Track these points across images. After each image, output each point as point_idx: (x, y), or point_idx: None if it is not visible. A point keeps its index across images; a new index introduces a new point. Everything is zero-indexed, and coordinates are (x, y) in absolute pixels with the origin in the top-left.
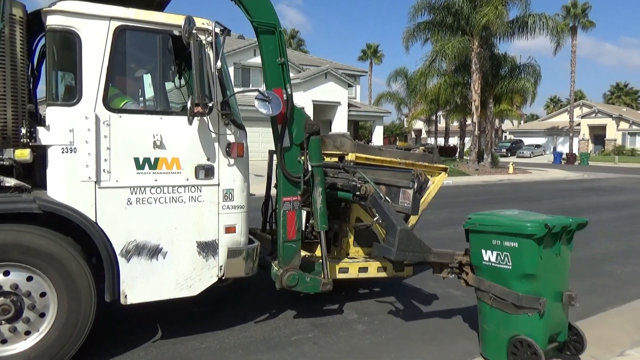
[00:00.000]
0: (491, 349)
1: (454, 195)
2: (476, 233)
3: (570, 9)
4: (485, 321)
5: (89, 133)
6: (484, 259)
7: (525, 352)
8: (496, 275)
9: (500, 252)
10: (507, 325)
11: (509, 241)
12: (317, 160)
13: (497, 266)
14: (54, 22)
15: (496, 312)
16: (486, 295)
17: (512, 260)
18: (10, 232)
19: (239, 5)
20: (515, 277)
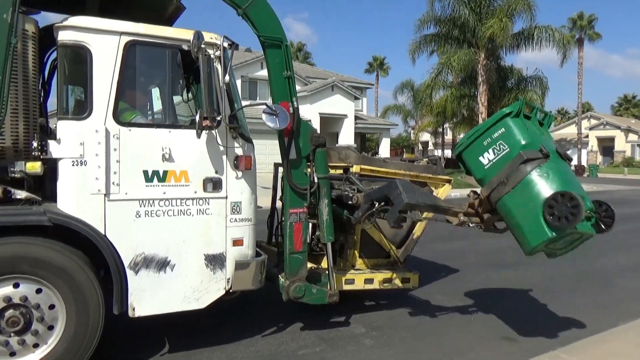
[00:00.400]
0: (531, 232)
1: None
2: (468, 149)
3: (576, 20)
4: (514, 217)
5: (99, 146)
6: (484, 165)
7: (565, 203)
8: (499, 165)
9: (494, 145)
10: (533, 194)
11: (496, 132)
12: (323, 172)
13: (498, 157)
14: (65, 37)
15: (518, 195)
16: (502, 189)
17: (507, 142)
18: (21, 244)
19: (247, 20)
20: (515, 152)
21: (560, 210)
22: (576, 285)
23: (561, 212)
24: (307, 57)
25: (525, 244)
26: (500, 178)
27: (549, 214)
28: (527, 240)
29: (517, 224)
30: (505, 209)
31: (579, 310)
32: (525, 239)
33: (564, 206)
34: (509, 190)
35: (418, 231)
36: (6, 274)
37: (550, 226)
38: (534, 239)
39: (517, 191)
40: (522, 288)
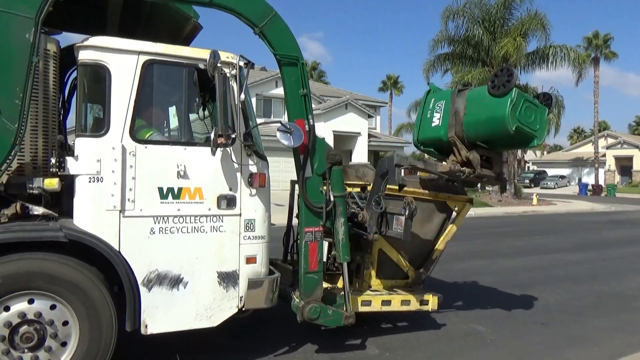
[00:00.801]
0: (497, 110)
1: (476, 226)
2: (421, 130)
3: (591, 40)
4: (482, 118)
5: (116, 163)
6: (439, 123)
7: (504, 75)
8: (446, 112)
9: (435, 108)
10: (479, 98)
11: (430, 103)
12: (339, 190)
13: (442, 112)
14: (85, 56)
15: (470, 107)
16: (459, 118)
17: (441, 99)
18: (36, 260)
19: (263, 39)
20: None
21: (500, 80)
22: (594, 307)
23: (500, 81)
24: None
25: (501, 119)
26: (452, 115)
27: (492, 87)
28: (500, 115)
29: (488, 117)
30: (473, 124)
31: (598, 333)
32: (498, 116)
33: (502, 77)
34: (464, 113)
35: (438, 251)
36: (22, 290)
37: (498, 95)
38: (502, 109)
39: (470, 108)
40: (539, 310)
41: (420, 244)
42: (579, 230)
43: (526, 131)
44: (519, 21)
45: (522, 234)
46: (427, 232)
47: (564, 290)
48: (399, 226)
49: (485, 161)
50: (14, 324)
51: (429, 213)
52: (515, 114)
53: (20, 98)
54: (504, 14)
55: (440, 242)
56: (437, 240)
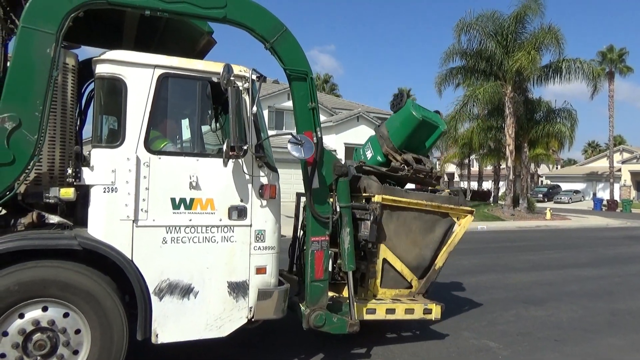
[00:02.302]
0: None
1: (488, 240)
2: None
3: (606, 54)
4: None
5: (130, 174)
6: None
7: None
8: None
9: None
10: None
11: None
12: (345, 201)
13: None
14: (102, 70)
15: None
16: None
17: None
18: (51, 268)
19: (274, 54)
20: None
21: (397, 103)
22: (609, 325)
23: (397, 103)
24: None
25: (408, 116)
26: (379, 138)
27: (395, 110)
28: (407, 115)
29: (400, 122)
30: (395, 133)
31: (613, 351)
32: (406, 117)
33: (397, 100)
34: (387, 132)
35: (440, 262)
36: (36, 297)
37: (400, 109)
38: (407, 111)
39: (388, 125)
40: (552, 326)
41: (423, 254)
42: (593, 245)
43: (430, 121)
44: (533, 35)
45: (535, 249)
46: (430, 242)
47: (578, 307)
48: (365, 229)
49: (417, 162)
50: (27, 331)
51: (431, 224)
52: (417, 109)
53: (40, 110)
54: (517, 28)
55: (442, 253)
56: (440, 251)
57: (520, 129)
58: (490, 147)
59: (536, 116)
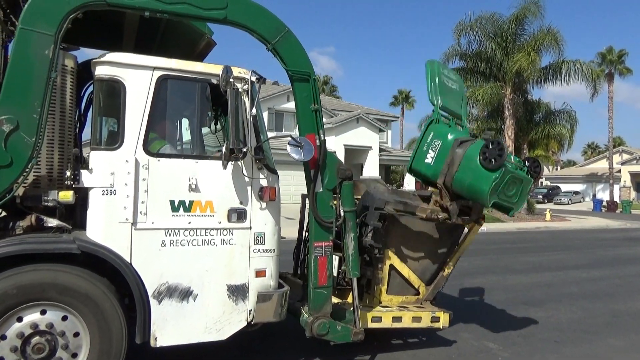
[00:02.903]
0: (481, 182)
1: (488, 242)
2: (415, 160)
3: (605, 55)
4: (467, 181)
5: (129, 176)
6: (431, 162)
7: (495, 148)
8: (441, 156)
9: (431, 145)
10: (474, 161)
11: (429, 137)
12: (349, 205)
13: (437, 152)
14: (101, 72)
15: (464, 167)
16: (452, 169)
17: (439, 138)
18: (50, 271)
19: (276, 55)
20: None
21: (491, 153)
22: (609, 326)
23: (492, 155)
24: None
25: (481, 193)
26: (447, 163)
27: (483, 159)
28: (481, 189)
29: (471, 184)
30: (460, 182)
31: (613, 353)
32: (480, 189)
33: (493, 150)
34: (457, 168)
35: (449, 268)
36: (35, 301)
37: (486, 168)
38: (485, 185)
39: (463, 165)
40: (552, 328)
41: (431, 260)
42: (593, 247)
43: (503, 205)
44: (532, 37)
45: (535, 250)
46: (438, 248)
47: (578, 308)
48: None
49: (465, 207)
50: (26, 334)
51: (442, 231)
52: (495, 191)
53: (38, 112)
54: (517, 30)
55: (452, 259)
56: (448, 257)
57: (520, 131)
58: None
59: (536, 118)
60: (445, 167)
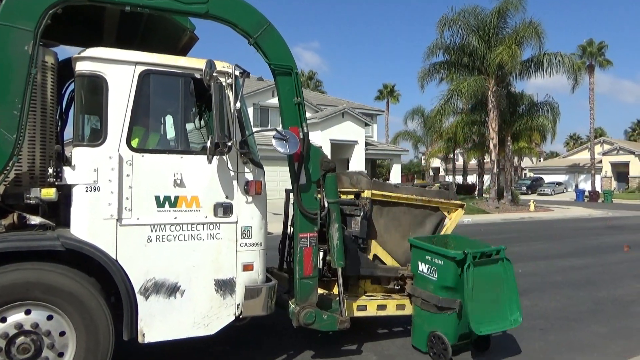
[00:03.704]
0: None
1: (474, 233)
2: (415, 248)
3: (586, 47)
4: (415, 317)
5: (112, 172)
6: (418, 269)
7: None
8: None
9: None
10: (430, 322)
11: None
12: (333, 197)
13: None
14: (82, 67)
15: (423, 311)
16: (418, 299)
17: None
18: (34, 270)
19: (258, 50)
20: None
21: (437, 350)
22: (593, 313)
23: (437, 351)
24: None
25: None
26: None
27: (432, 354)
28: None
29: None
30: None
31: (597, 338)
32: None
33: (438, 346)
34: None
35: None
36: (19, 300)
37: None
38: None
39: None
40: (537, 316)
41: None
42: (576, 236)
43: None
44: (514, 30)
45: (520, 240)
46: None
47: (562, 296)
48: (356, 226)
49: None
50: (10, 335)
51: (421, 218)
52: None
53: (19, 109)
54: (499, 23)
55: None
56: None
57: (504, 123)
58: (475, 141)
59: (519, 110)
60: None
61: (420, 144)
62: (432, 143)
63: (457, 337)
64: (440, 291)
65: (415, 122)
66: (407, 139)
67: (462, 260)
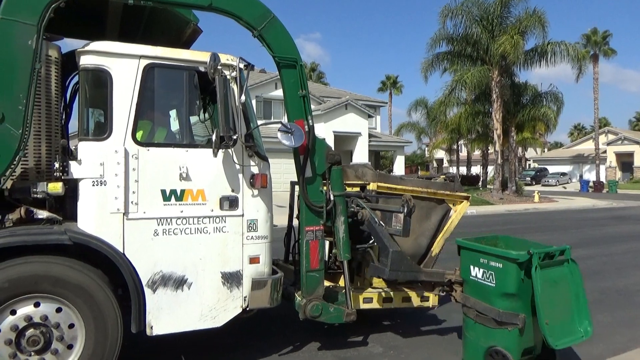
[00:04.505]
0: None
1: (478, 224)
2: (466, 250)
3: (590, 37)
4: (467, 330)
5: (119, 166)
6: (471, 274)
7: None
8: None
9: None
10: (487, 337)
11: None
12: (339, 189)
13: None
14: (86, 61)
15: (478, 325)
16: (471, 311)
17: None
18: (42, 263)
19: (262, 42)
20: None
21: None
22: (598, 303)
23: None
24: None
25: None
26: (474, 304)
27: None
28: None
29: (466, 336)
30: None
31: (602, 328)
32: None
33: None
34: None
35: (437, 248)
36: (28, 293)
37: None
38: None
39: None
40: None
41: (420, 241)
42: (581, 226)
43: None
44: (517, 19)
45: (524, 231)
46: (426, 229)
47: None
48: (398, 223)
49: None
50: (20, 327)
51: (427, 211)
52: None
53: (24, 104)
54: (502, 12)
55: (439, 239)
56: (436, 238)
57: (508, 113)
58: (479, 132)
59: (523, 100)
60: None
61: (424, 135)
62: (436, 134)
63: (522, 352)
64: (499, 299)
65: (418, 113)
66: (410, 131)
67: (525, 262)
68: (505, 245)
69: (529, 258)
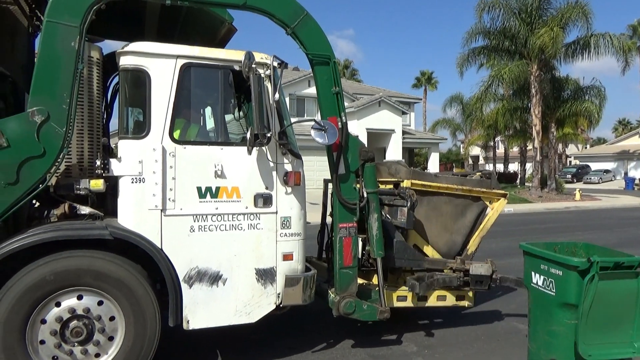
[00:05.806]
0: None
1: (516, 223)
2: (528, 255)
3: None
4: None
5: (156, 164)
6: (532, 281)
7: None
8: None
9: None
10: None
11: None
12: (372, 186)
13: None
14: (126, 62)
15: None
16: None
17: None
18: (85, 257)
19: (295, 39)
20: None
21: None
22: None
23: None
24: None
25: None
26: None
27: None
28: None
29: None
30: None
31: None
32: None
33: None
34: None
35: (472, 246)
36: (71, 286)
37: None
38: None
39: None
40: None
41: (455, 239)
42: (625, 226)
43: None
44: (559, 11)
45: (565, 230)
46: (461, 227)
47: None
48: (402, 216)
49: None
50: (64, 319)
51: (462, 208)
52: None
53: (67, 103)
54: (542, 4)
55: (474, 238)
56: (472, 236)
57: (547, 109)
58: (516, 128)
59: (563, 94)
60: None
61: (459, 132)
62: (472, 131)
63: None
64: (559, 309)
65: (453, 109)
66: (445, 127)
67: (586, 270)
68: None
69: (589, 266)
